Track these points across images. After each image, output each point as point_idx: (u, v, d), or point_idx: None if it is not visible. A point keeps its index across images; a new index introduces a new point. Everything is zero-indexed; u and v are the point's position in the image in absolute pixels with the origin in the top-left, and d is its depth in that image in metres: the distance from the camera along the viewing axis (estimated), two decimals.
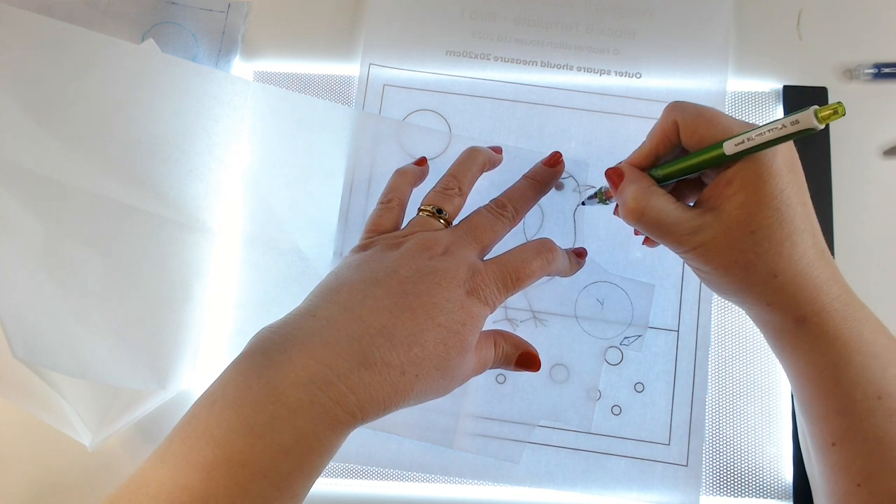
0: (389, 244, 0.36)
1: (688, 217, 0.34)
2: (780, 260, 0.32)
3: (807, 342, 0.33)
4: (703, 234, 0.33)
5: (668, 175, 0.36)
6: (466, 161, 0.42)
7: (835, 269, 0.33)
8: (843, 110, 0.28)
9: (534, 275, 0.36)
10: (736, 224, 0.32)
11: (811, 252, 0.32)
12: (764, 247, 0.32)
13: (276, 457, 0.28)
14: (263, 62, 0.51)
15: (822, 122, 0.29)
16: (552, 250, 0.37)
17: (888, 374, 0.32)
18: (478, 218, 0.38)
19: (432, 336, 0.32)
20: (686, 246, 0.34)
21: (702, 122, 0.34)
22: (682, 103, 0.35)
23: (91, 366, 0.41)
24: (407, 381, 0.31)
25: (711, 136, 0.33)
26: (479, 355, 0.36)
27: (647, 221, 0.34)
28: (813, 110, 0.28)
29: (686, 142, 0.35)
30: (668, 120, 0.35)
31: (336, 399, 0.29)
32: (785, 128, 0.29)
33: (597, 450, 0.45)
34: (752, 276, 0.33)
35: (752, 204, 0.32)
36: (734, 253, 0.32)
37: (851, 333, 0.32)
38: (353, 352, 0.30)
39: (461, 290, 0.34)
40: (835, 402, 0.32)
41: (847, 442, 0.32)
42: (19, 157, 0.44)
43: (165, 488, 0.27)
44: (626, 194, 0.35)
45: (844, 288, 0.33)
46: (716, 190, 0.33)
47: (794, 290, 0.32)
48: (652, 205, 0.34)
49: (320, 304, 0.33)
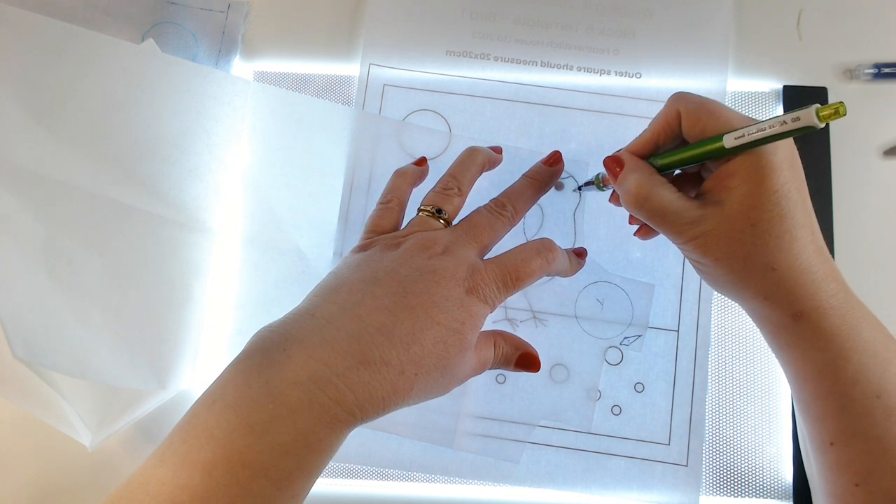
0: (389, 244, 0.36)
1: (689, 207, 0.34)
2: (778, 254, 0.32)
3: (804, 339, 0.33)
4: (704, 224, 0.33)
5: (667, 165, 0.36)
6: (466, 161, 0.42)
7: (833, 266, 0.33)
8: (845, 110, 0.28)
9: (534, 274, 0.36)
10: (737, 216, 0.32)
11: (810, 248, 0.32)
12: (763, 240, 0.32)
13: (276, 456, 0.28)
14: (263, 62, 0.51)
15: (823, 121, 0.29)
16: (552, 250, 0.38)
17: (887, 373, 0.31)
18: (477, 217, 0.38)
19: (431, 334, 0.32)
20: (686, 236, 0.34)
21: (704, 114, 0.34)
22: (687, 94, 0.35)
23: (91, 366, 0.41)
24: (406, 380, 0.31)
25: (713, 128, 0.33)
26: (479, 355, 0.36)
27: (649, 209, 0.34)
28: (814, 108, 0.29)
29: (688, 132, 0.35)
30: (671, 109, 0.35)
31: (335, 398, 0.29)
32: (785, 124, 0.30)
33: (597, 450, 0.45)
34: (750, 270, 0.33)
35: (753, 196, 0.32)
36: (734, 245, 0.32)
37: (850, 331, 0.32)
38: (353, 350, 0.30)
39: (460, 289, 0.34)
40: (833, 400, 0.32)
41: (845, 441, 0.32)
42: (19, 157, 0.44)
43: (166, 488, 0.27)
44: (629, 182, 0.35)
45: (842, 285, 0.33)
46: (717, 182, 0.33)
47: (792, 284, 0.32)
48: (655, 192, 0.34)
49: (319, 303, 0.33)
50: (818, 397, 0.33)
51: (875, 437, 0.31)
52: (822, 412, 0.32)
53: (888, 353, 0.32)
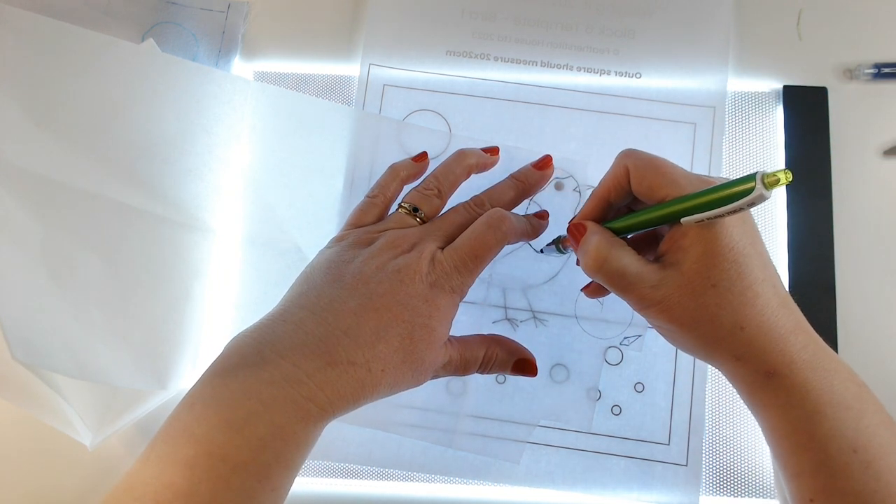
0: (361, 239, 0.38)
1: (649, 270, 0.33)
2: (744, 311, 0.32)
3: (779, 396, 0.32)
4: (665, 288, 0.32)
5: (621, 229, 0.35)
6: (452, 164, 0.42)
7: (799, 316, 0.33)
8: (789, 178, 0.27)
9: (491, 249, 0.36)
10: (696, 276, 0.32)
11: (774, 301, 0.32)
12: (727, 299, 0.31)
13: (254, 450, 0.29)
14: (263, 62, 0.51)
15: (770, 188, 0.28)
16: (503, 219, 0.37)
17: (861, 426, 0.31)
18: (453, 215, 0.39)
19: (397, 332, 0.33)
20: (648, 301, 0.33)
21: (651, 171, 0.34)
22: (635, 151, 0.35)
23: (91, 366, 0.41)
24: (373, 377, 0.33)
25: (658, 185, 0.33)
26: (464, 353, 0.37)
27: (607, 271, 0.34)
28: (760, 178, 0.28)
29: (636, 189, 0.35)
30: (619, 166, 0.35)
31: (307, 395, 0.31)
32: (741, 209, 0.29)
33: (597, 450, 0.45)
34: (718, 331, 0.32)
35: (709, 256, 0.32)
36: (698, 308, 0.32)
37: (822, 386, 0.31)
38: (321, 352, 0.32)
39: (424, 284, 0.35)
40: (810, 457, 0.31)
41: (825, 498, 0.31)
42: (19, 158, 0.44)
43: (150, 488, 0.28)
44: (589, 244, 0.35)
45: (811, 336, 0.33)
46: (672, 243, 0.33)
47: (762, 341, 0.32)
48: (614, 255, 0.34)
49: (291, 308, 0.34)
50: (794, 454, 0.32)
51: (854, 492, 0.30)
52: (800, 468, 0.32)
53: (861, 404, 0.32)
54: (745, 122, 0.49)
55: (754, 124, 0.49)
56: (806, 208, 0.47)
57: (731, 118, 0.49)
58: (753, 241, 0.33)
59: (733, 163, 0.49)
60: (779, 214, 0.48)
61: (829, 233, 0.47)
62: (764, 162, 0.49)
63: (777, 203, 0.48)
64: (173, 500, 0.28)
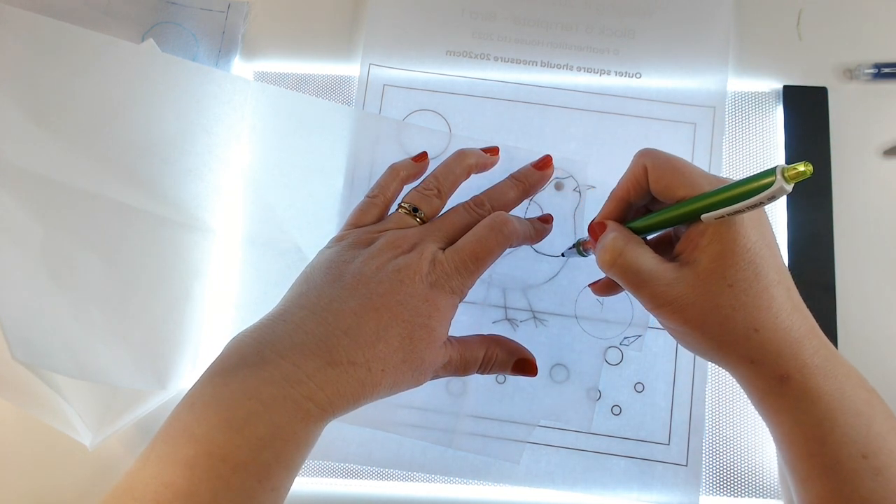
0: (361, 239, 0.37)
1: (665, 268, 0.33)
2: (759, 313, 0.31)
3: (791, 401, 0.32)
4: (679, 286, 0.32)
5: (640, 229, 0.35)
6: (452, 164, 0.42)
7: (811, 321, 0.33)
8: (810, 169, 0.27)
9: (492, 252, 0.37)
10: (712, 276, 0.32)
11: (788, 304, 0.32)
12: (742, 300, 0.31)
13: (254, 450, 0.29)
14: (263, 62, 0.51)
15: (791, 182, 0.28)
16: (506, 223, 0.37)
17: (871, 432, 0.31)
18: (453, 216, 0.39)
19: (397, 332, 0.33)
20: (662, 299, 0.33)
21: (669, 170, 0.34)
22: (653, 150, 0.35)
23: (91, 366, 0.41)
24: (373, 376, 0.33)
25: (677, 184, 0.33)
26: (465, 353, 0.37)
27: (622, 267, 0.34)
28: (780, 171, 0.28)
29: (654, 188, 0.35)
30: (638, 164, 0.35)
31: (307, 395, 0.31)
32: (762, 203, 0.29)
33: (597, 450, 0.45)
34: (731, 332, 0.32)
35: (726, 256, 0.31)
36: (712, 308, 0.32)
37: (834, 391, 0.31)
38: (321, 352, 0.32)
39: (424, 285, 0.35)
40: (820, 462, 0.31)
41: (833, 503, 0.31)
42: (19, 158, 0.44)
43: (150, 488, 0.28)
44: (605, 241, 0.35)
45: (823, 341, 0.33)
46: (689, 242, 0.33)
47: (777, 345, 0.32)
48: (630, 251, 0.34)
49: (291, 308, 0.34)
50: (804, 458, 0.32)
51: (862, 498, 0.30)
52: (809, 473, 0.32)
53: (871, 411, 0.32)
54: (745, 122, 0.49)
55: (754, 124, 0.49)
56: (806, 208, 0.47)
57: (731, 118, 0.49)
58: (769, 244, 0.33)
59: (733, 163, 0.49)
60: (779, 214, 0.48)
61: (829, 233, 0.47)
62: (764, 162, 0.49)
63: (777, 203, 0.48)
64: (173, 499, 0.28)
